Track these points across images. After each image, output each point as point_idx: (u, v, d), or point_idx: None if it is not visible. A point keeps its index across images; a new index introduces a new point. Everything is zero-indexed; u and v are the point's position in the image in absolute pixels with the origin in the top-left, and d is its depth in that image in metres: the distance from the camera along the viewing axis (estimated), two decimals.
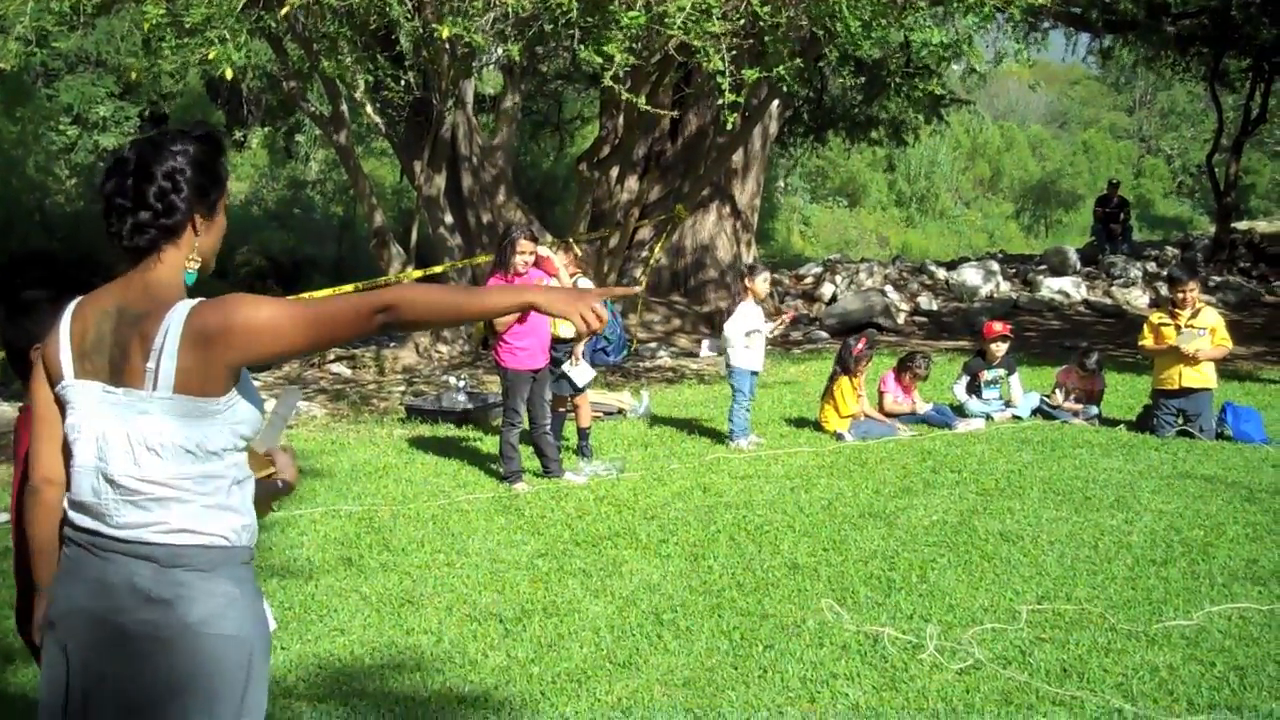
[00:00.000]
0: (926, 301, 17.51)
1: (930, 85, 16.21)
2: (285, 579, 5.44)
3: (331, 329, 2.20)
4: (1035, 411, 9.57)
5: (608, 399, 10.06)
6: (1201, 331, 8.58)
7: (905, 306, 17.18)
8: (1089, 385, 9.59)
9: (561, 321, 6.18)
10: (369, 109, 12.28)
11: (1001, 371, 9.64)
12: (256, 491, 2.33)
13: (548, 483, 7.36)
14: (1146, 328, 8.94)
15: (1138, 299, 17.41)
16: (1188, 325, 8.61)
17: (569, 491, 7.13)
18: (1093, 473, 7.45)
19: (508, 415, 7.32)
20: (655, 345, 14.43)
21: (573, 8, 8.88)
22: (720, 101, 9.37)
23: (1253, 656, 4.38)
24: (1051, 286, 17.72)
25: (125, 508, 2.16)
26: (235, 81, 11.29)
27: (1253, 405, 9.19)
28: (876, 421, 9.13)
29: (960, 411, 9.47)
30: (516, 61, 11.29)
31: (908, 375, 9.49)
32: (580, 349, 8.03)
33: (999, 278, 18.35)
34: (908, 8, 9.95)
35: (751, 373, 8.51)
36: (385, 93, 11.47)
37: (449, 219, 14.09)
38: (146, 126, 22.57)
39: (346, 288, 11.95)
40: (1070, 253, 19.76)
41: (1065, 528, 6.15)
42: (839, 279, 18.42)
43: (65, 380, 2.23)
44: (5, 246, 19.10)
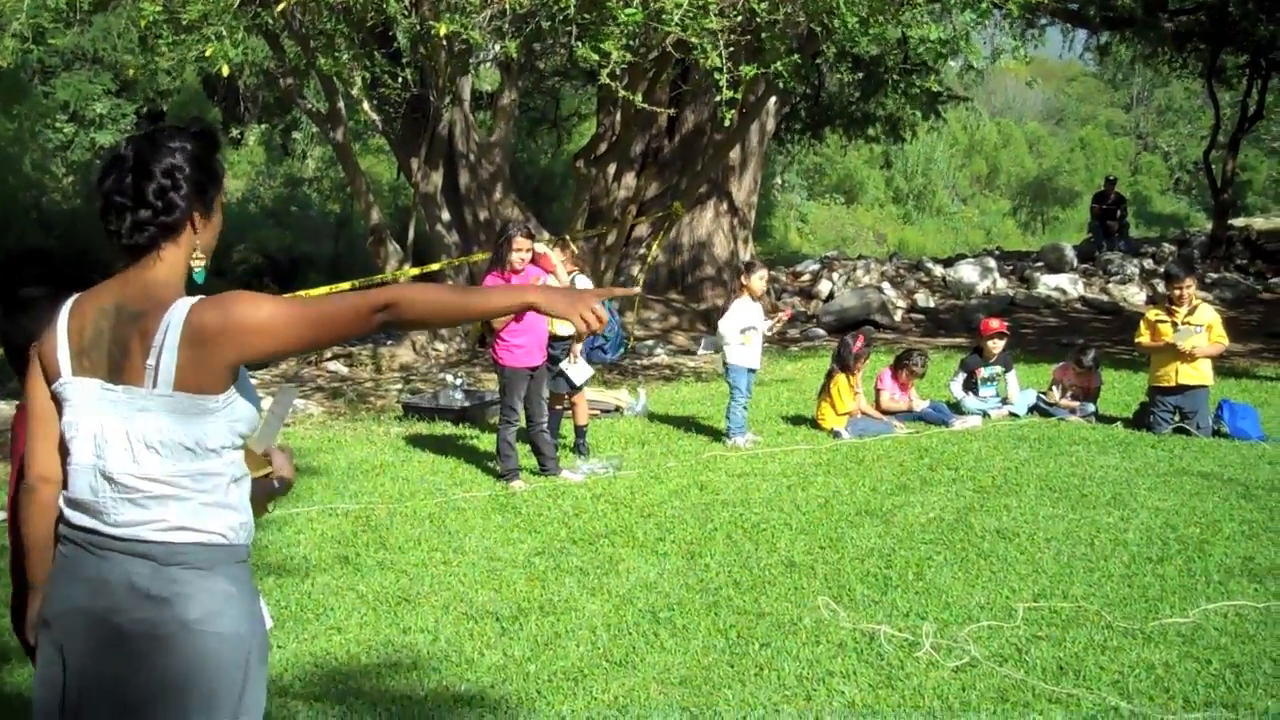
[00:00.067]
0: (923, 299, 17.50)
1: (928, 82, 16.23)
2: (282, 577, 5.44)
3: (331, 328, 2.21)
4: (1032, 409, 9.58)
5: (605, 397, 10.05)
6: (1198, 328, 8.58)
7: (902, 304, 17.17)
8: (1086, 382, 9.59)
9: (559, 319, 6.18)
10: (366, 106, 12.27)
11: (998, 369, 9.65)
12: (253, 491, 2.33)
13: (545, 481, 7.36)
14: (1143, 325, 8.94)
15: (1134, 296, 17.41)
16: (1184, 322, 8.62)
17: (566, 489, 7.13)
18: (1089, 470, 7.45)
19: (505, 413, 7.32)
20: (652, 343, 14.42)
21: (570, 4, 8.88)
22: (718, 98, 9.37)
23: (1249, 654, 4.39)
24: (1048, 283, 17.72)
25: (123, 505, 2.16)
26: (232, 79, 11.27)
27: (1249, 402, 9.20)
28: (873, 419, 9.13)
29: (957, 409, 9.48)
30: (514, 58, 11.28)
31: (904, 372, 9.49)
32: (578, 347, 8.03)
33: (996, 275, 18.34)
34: (905, 4, 9.94)
35: (748, 370, 8.51)
36: (382, 90, 11.46)
37: (446, 216, 14.07)
38: (143, 124, 22.52)
39: (344, 285, 11.94)
40: (1067, 249, 19.77)
41: (1062, 525, 6.16)
42: (836, 276, 18.41)
43: (63, 378, 2.22)
44: (2, 244, 19.10)
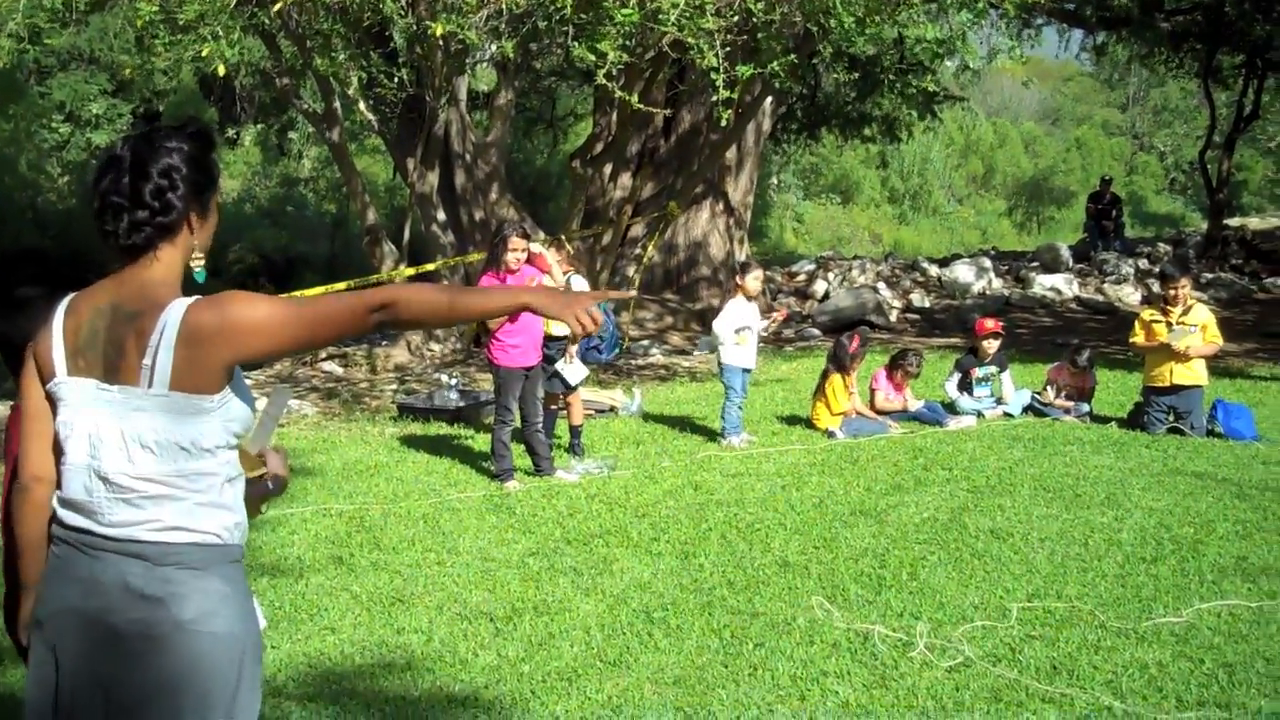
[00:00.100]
0: (919, 299, 17.51)
1: (924, 82, 16.22)
2: (275, 577, 5.44)
3: (327, 328, 2.21)
4: (1027, 409, 9.59)
5: (600, 397, 10.05)
6: (1193, 328, 8.60)
7: (897, 303, 17.18)
8: (1080, 382, 9.60)
9: (555, 320, 6.18)
10: (362, 106, 12.26)
11: (993, 369, 9.66)
12: (247, 493, 2.33)
13: (539, 481, 7.36)
14: (1138, 324, 8.95)
15: (1130, 296, 17.43)
16: (1179, 322, 8.63)
17: (560, 490, 7.13)
18: (1083, 470, 7.46)
19: (500, 413, 7.32)
20: (648, 343, 14.42)
21: (566, 4, 8.87)
22: (714, 98, 9.36)
23: (1242, 653, 4.40)
24: (1044, 283, 17.73)
25: (118, 505, 2.16)
26: (228, 79, 11.27)
27: (1243, 402, 9.20)
28: (868, 419, 9.14)
29: (952, 409, 9.49)
30: (510, 58, 11.28)
31: (899, 373, 9.50)
32: (573, 347, 8.03)
33: (991, 275, 18.35)
34: (902, 4, 9.94)
35: (743, 370, 8.51)
36: (378, 90, 11.44)
37: (442, 216, 14.06)
38: (139, 124, 22.55)
39: (339, 285, 11.93)
40: (1062, 249, 19.78)
41: (1056, 525, 6.17)
42: (831, 276, 18.42)
43: (58, 377, 2.22)
44: None
